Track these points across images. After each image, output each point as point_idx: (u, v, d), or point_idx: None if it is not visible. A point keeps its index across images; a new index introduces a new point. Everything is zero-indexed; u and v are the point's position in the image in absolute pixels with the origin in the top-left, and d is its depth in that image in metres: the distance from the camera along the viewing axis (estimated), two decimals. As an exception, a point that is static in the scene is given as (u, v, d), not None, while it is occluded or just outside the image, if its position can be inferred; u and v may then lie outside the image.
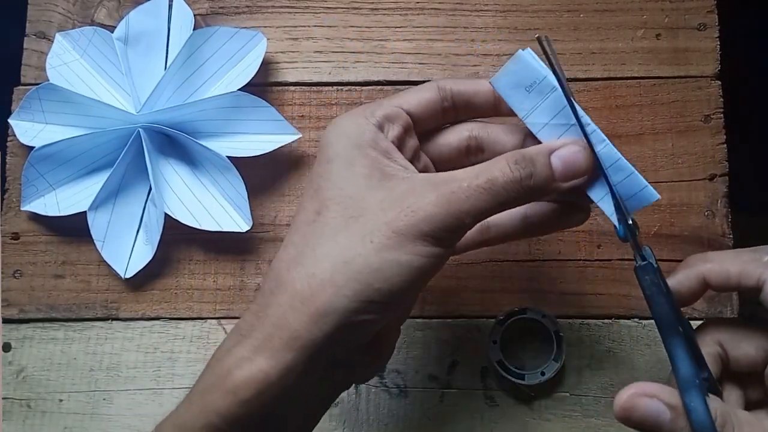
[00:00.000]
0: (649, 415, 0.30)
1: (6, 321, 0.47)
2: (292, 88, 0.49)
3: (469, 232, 0.36)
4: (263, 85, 0.48)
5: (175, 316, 0.46)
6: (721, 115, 0.47)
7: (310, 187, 0.33)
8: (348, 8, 0.50)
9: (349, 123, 0.33)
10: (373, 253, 0.30)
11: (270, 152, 0.45)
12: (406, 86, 0.48)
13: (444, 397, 0.45)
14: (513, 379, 0.43)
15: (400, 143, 0.34)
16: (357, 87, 0.49)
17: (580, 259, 0.46)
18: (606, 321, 0.45)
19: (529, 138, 0.35)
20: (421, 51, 0.49)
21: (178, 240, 0.47)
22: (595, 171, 0.33)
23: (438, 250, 0.31)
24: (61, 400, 0.46)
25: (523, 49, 0.33)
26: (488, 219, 0.37)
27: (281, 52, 0.49)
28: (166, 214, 0.45)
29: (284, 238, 0.33)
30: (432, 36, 0.49)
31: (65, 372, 0.46)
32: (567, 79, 0.49)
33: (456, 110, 0.35)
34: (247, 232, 0.45)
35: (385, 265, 0.30)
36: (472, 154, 0.36)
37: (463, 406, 0.45)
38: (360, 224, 0.31)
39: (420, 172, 0.35)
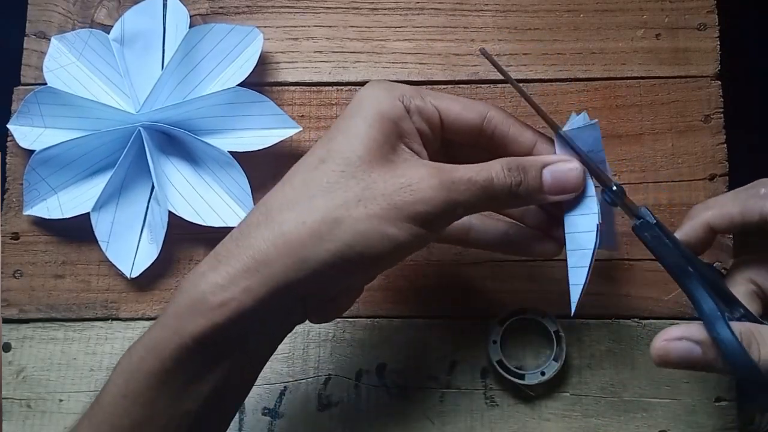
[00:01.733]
0: (682, 356, 0.32)
1: (6, 321, 0.47)
2: (292, 88, 0.49)
3: (454, 227, 0.38)
4: (263, 85, 0.48)
5: (175, 316, 0.46)
6: (721, 115, 0.47)
7: (325, 135, 0.34)
8: (348, 8, 0.50)
9: (385, 94, 0.34)
10: (364, 219, 0.32)
11: (271, 148, 0.45)
12: (406, 86, 0.48)
13: (444, 397, 0.45)
14: (513, 379, 0.43)
15: (421, 137, 0.35)
16: (357, 87, 0.49)
17: (580, 259, 0.46)
18: (606, 321, 0.45)
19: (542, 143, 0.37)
20: (421, 51, 0.49)
21: (180, 239, 0.47)
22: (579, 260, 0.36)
23: (423, 231, 0.33)
24: (61, 400, 0.46)
25: (596, 122, 0.36)
26: (472, 222, 0.40)
27: (281, 52, 0.49)
28: (170, 212, 0.45)
29: (284, 176, 0.34)
30: (432, 36, 0.49)
31: (65, 372, 0.46)
32: (566, 79, 0.49)
33: (490, 142, 0.37)
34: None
35: (372, 232, 0.32)
36: None
37: (463, 406, 0.45)
38: (360, 187, 0.32)
39: None
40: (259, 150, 0.45)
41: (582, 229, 0.36)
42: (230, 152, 0.45)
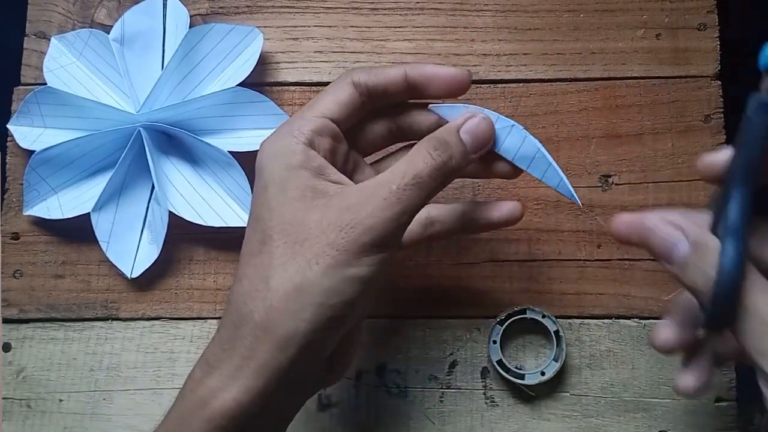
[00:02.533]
0: (664, 242, 0.29)
1: (6, 321, 0.47)
2: (292, 88, 0.49)
3: (414, 228, 0.39)
4: (263, 85, 0.48)
5: (175, 316, 0.46)
6: (721, 115, 0.47)
7: (251, 216, 0.34)
8: (348, 8, 0.50)
9: (279, 145, 0.34)
10: (320, 275, 0.32)
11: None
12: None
13: (444, 397, 0.45)
14: (513, 379, 0.43)
15: (331, 154, 0.35)
16: (357, 87, 0.48)
17: (580, 259, 0.46)
18: (606, 321, 0.45)
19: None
20: (421, 51, 0.49)
21: (180, 239, 0.47)
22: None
23: (382, 255, 0.33)
24: (61, 400, 0.46)
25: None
26: (432, 215, 0.39)
27: (281, 52, 0.49)
28: (170, 213, 0.45)
29: (236, 270, 0.34)
30: (432, 36, 0.49)
31: (65, 372, 0.46)
32: (566, 79, 0.49)
33: (373, 101, 0.37)
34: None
35: (334, 283, 0.32)
36: (395, 138, 0.39)
37: (463, 406, 0.45)
38: (305, 249, 0.32)
39: (352, 171, 0.37)
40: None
41: (518, 144, 0.37)
42: (230, 152, 0.45)
